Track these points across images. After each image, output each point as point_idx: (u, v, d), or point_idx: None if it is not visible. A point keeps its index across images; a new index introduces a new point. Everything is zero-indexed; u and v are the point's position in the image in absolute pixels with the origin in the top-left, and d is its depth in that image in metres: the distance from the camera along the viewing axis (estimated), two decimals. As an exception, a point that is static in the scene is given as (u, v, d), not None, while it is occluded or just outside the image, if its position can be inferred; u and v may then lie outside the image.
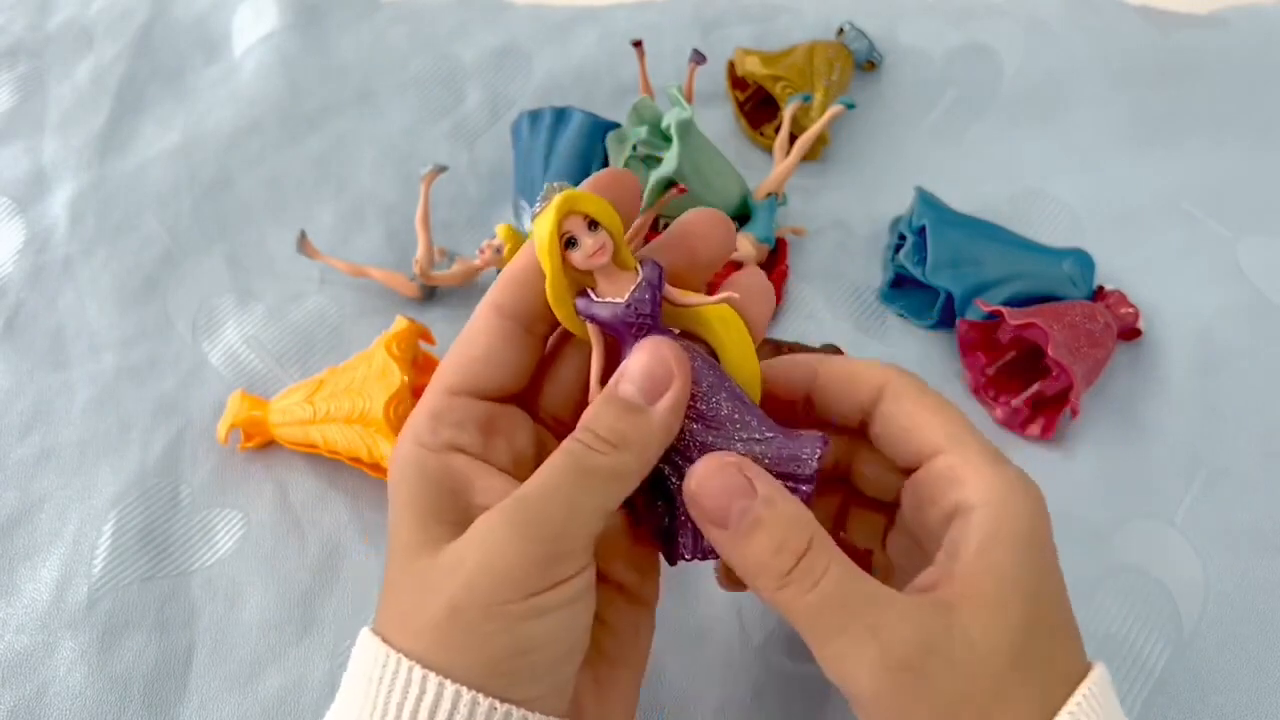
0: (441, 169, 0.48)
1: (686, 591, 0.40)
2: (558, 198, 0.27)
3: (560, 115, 0.51)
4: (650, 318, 0.28)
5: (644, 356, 0.27)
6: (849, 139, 0.55)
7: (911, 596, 0.26)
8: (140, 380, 0.46)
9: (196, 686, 0.38)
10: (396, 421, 0.40)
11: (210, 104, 0.57)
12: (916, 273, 0.48)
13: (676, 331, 0.29)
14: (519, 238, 0.46)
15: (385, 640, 0.26)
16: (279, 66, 0.58)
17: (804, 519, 0.26)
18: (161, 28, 0.61)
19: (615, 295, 0.28)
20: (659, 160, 0.46)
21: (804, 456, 0.29)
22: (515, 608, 0.25)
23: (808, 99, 0.53)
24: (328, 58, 0.59)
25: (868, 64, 0.58)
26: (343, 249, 0.50)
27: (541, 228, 0.27)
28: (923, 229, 0.48)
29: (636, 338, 0.28)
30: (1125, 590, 0.41)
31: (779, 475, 0.28)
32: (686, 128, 0.45)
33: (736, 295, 0.28)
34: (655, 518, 0.30)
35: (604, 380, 0.29)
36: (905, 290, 0.50)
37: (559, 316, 0.28)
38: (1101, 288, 0.48)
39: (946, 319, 0.48)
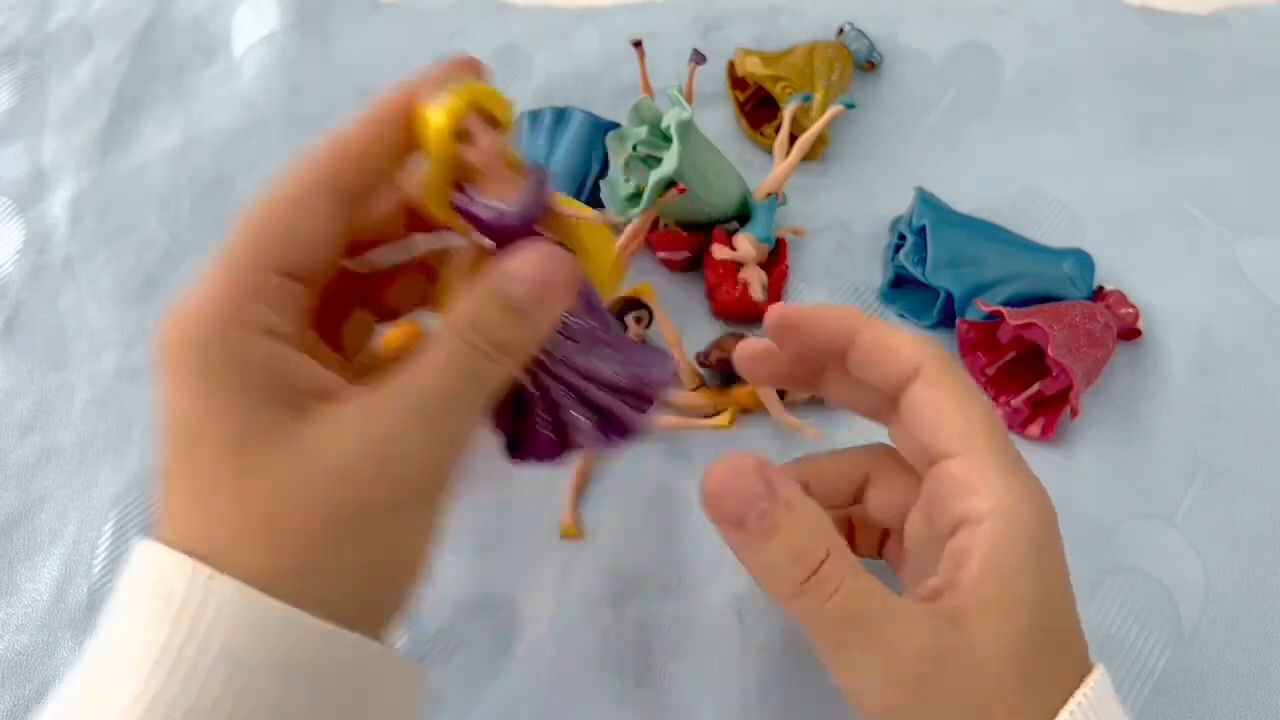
0: None
1: (688, 594, 0.40)
2: (462, 87, 0.27)
3: (560, 115, 0.51)
4: (534, 223, 0.28)
5: (537, 259, 0.26)
6: (849, 139, 0.55)
7: (920, 607, 0.26)
8: (141, 380, 0.46)
9: (196, 686, 0.38)
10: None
11: (210, 104, 0.57)
12: (916, 273, 0.48)
13: (552, 239, 0.29)
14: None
15: (196, 554, 0.23)
16: (279, 67, 0.58)
17: (823, 526, 0.26)
18: (162, 28, 0.61)
19: (500, 197, 0.28)
20: (659, 160, 0.46)
21: (656, 374, 0.31)
22: (414, 515, 0.24)
23: (808, 99, 0.53)
24: (328, 58, 0.59)
25: (868, 64, 0.58)
26: (343, 249, 0.50)
27: (439, 117, 0.27)
28: (923, 229, 0.48)
29: (513, 241, 0.28)
30: (1125, 590, 0.41)
31: (633, 392, 0.31)
32: (686, 128, 0.45)
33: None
34: (504, 419, 0.30)
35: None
36: (905, 290, 0.50)
37: (430, 206, 0.28)
38: (1101, 288, 0.48)
39: (946, 319, 0.48)
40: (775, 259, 0.49)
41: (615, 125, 0.51)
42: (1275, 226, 0.52)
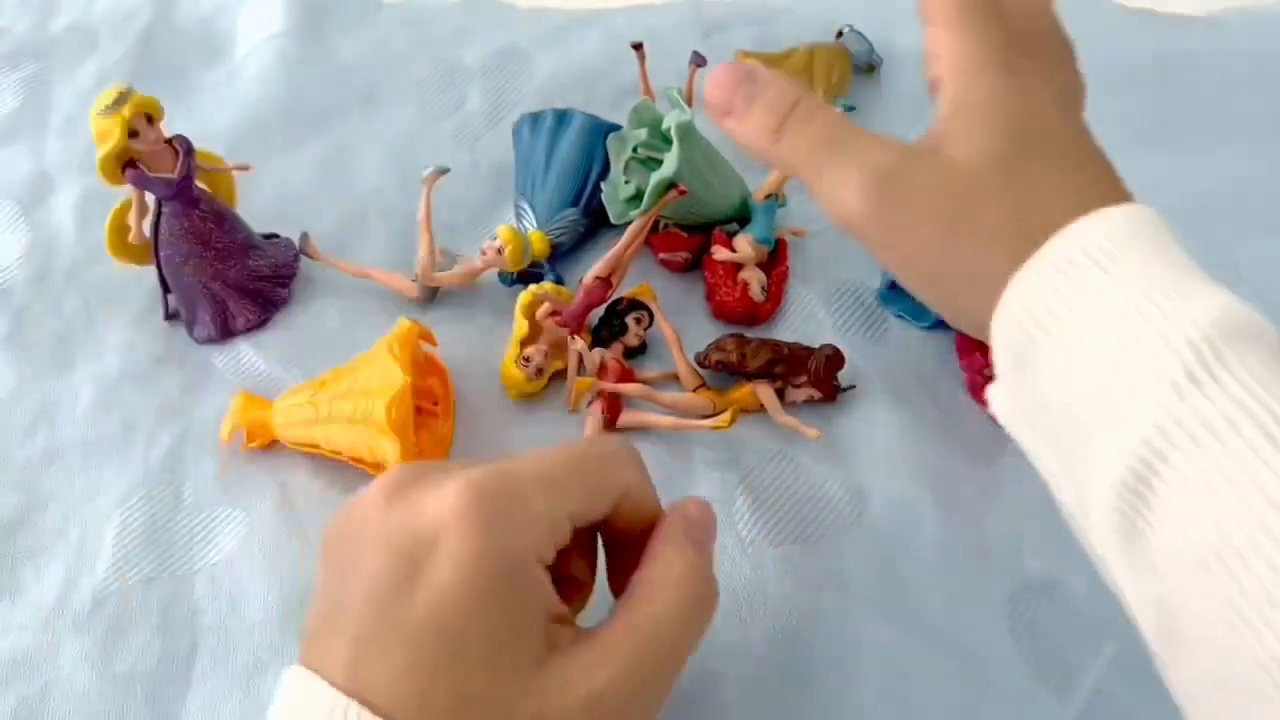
0: (443, 170, 0.48)
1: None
2: (132, 98, 0.42)
3: (561, 117, 0.51)
4: (190, 181, 0.45)
5: (701, 505, 0.32)
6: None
7: (895, 139, 0.31)
8: (144, 382, 0.47)
9: (199, 685, 0.38)
10: (398, 422, 0.40)
11: (213, 106, 0.58)
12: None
13: (207, 189, 0.46)
14: (520, 239, 0.46)
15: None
16: (282, 68, 0.58)
17: (792, 88, 0.32)
18: (165, 30, 0.61)
19: (165, 171, 0.44)
20: (659, 162, 0.46)
21: (291, 258, 0.49)
22: None
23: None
24: (330, 60, 0.59)
25: (868, 67, 0.58)
26: (345, 250, 0.50)
27: (112, 123, 0.42)
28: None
29: (180, 192, 0.44)
30: (1123, 590, 0.41)
31: (275, 277, 0.49)
32: (686, 130, 0.45)
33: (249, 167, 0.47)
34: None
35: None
36: (904, 291, 0.50)
37: (104, 176, 0.43)
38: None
39: (944, 320, 0.48)
40: (775, 260, 0.49)
41: (616, 127, 0.51)
42: (1274, 227, 0.52)
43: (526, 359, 0.44)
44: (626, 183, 0.47)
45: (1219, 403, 0.24)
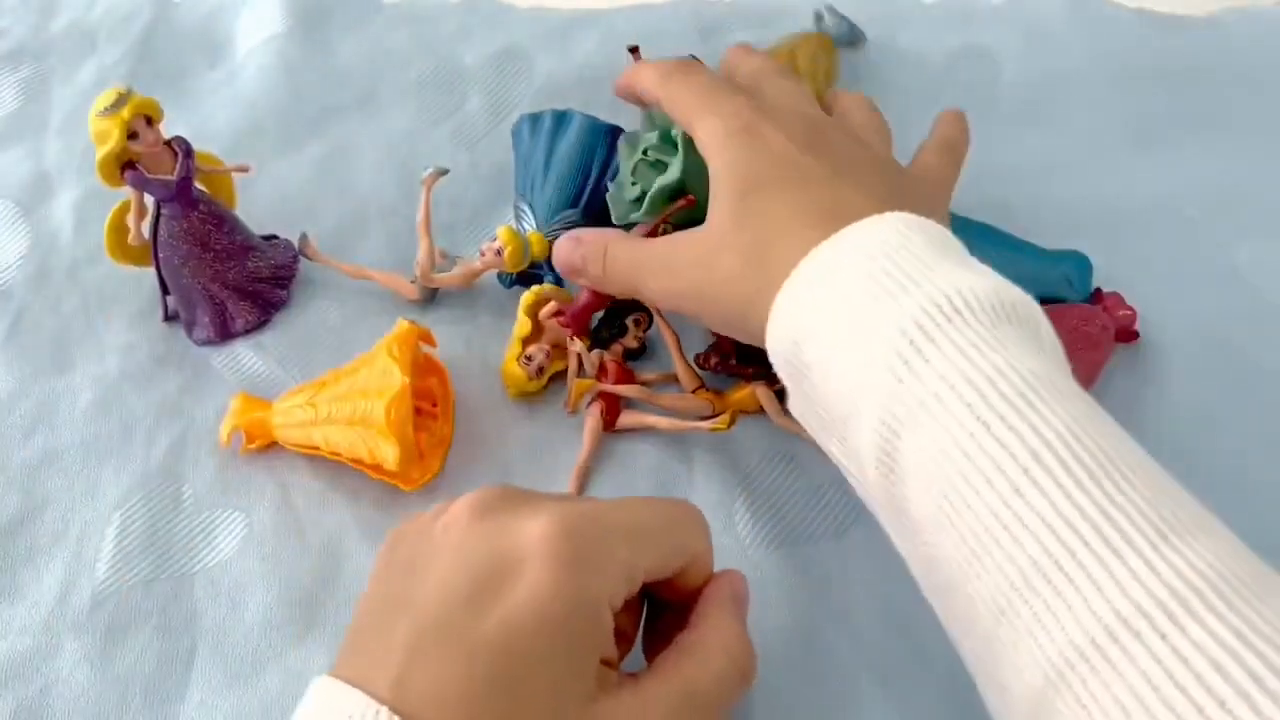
0: (443, 171, 0.48)
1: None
2: (131, 100, 0.42)
3: (560, 118, 0.51)
4: (189, 182, 0.45)
5: (743, 580, 0.34)
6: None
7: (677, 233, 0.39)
8: (143, 383, 0.47)
9: (198, 687, 0.38)
10: (398, 423, 0.40)
11: (213, 107, 0.58)
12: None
13: (206, 190, 0.47)
14: (519, 240, 0.46)
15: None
16: (281, 69, 0.58)
17: (600, 238, 0.41)
18: (164, 30, 0.61)
19: (164, 173, 0.44)
20: (666, 165, 0.46)
21: (290, 259, 0.50)
22: None
23: None
24: (329, 61, 0.59)
25: (850, 43, 0.57)
26: (344, 251, 0.50)
27: (111, 125, 0.42)
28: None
29: (179, 193, 0.45)
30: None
31: (274, 278, 0.49)
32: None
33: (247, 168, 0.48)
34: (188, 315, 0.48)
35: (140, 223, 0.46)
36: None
37: (103, 177, 0.43)
38: (1099, 290, 0.48)
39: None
40: None
41: (616, 128, 0.51)
42: (1274, 228, 0.52)
43: (528, 358, 0.44)
44: (633, 184, 0.47)
45: (927, 381, 0.28)
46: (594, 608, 0.28)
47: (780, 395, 0.44)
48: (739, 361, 0.44)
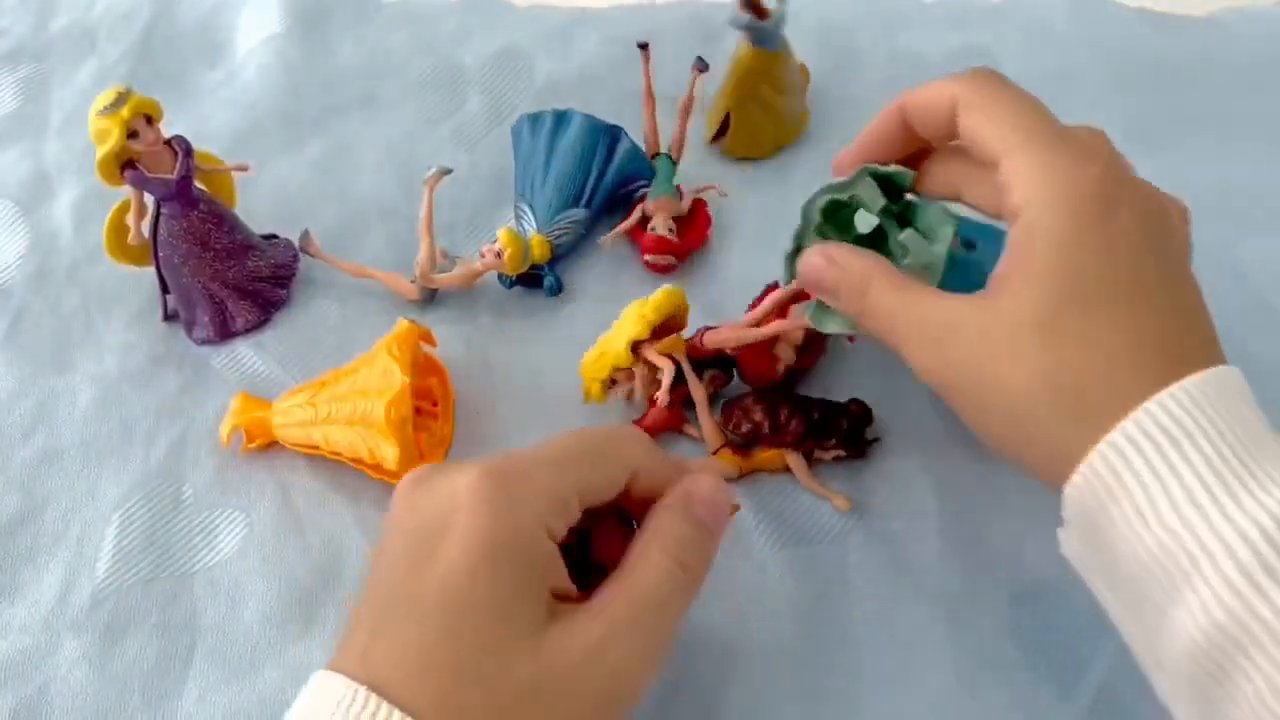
0: (446, 171, 0.48)
1: (709, 609, 0.39)
2: (131, 99, 0.42)
3: (560, 118, 0.51)
4: (189, 182, 0.45)
5: (710, 483, 0.32)
6: (846, 141, 0.55)
7: (958, 296, 0.31)
8: (143, 382, 0.47)
9: (197, 685, 0.38)
10: (398, 423, 0.40)
11: (212, 107, 0.58)
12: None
13: (206, 189, 0.46)
14: (520, 242, 0.46)
15: (407, 707, 0.26)
16: (281, 69, 0.58)
17: (863, 269, 0.34)
18: (164, 30, 0.61)
19: (164, 172, 0.44)
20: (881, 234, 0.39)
21: (290, 259, 0.50)
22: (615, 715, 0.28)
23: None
24: (329, 61, 0.59)
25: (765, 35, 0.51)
26: (343, 251, 0.50)
27: (111, 124, 0.42)
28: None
29: (179, 192, 0.44)
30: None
31: (274, 277, 0.49)
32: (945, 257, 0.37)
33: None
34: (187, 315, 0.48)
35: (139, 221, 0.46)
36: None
37: (103, 176, 0.43)
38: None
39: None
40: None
41: (616, 128, 0.51)
42: (1275, 227, 0.52)
43: (614, 382, 0.43)
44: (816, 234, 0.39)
45: None
46: (528, 538, 0.28)
47: (808, 457, 0.43)
48: (770, 433, 0.42)
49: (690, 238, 0.50)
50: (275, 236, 0.50)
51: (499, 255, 0.46)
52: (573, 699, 0.27)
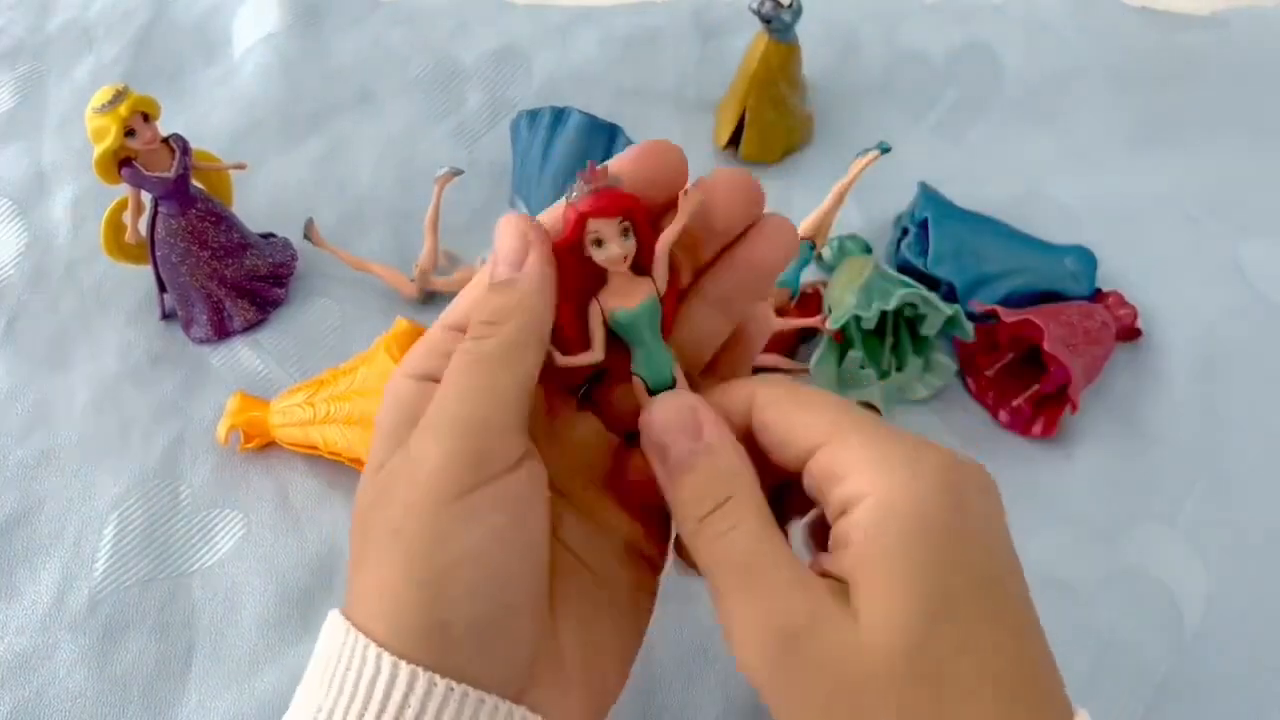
0: (457, 172, 0.47)
1: (688, 597, 0.39)
2: (129, 97, 0.42)
3: (559, 115, 0.51)
4: (186, 180, 0.45)
5: (501, 237, 0.27)
6: (851, 139, 0.55)
7: (814, 575, 0.24)
8: (140, 381, 0.46)
9: (196, 686, 0.38)
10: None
11: (210, 105, 0.57)
12: (918, 264, 0.48)
13: (203, 188, 0.46)
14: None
15: (350, 614, 0.25)
16: (279, 67, 0.58)
17: (732, 474, 0.26)
18: (162, 29, 0.61)
19: (162, 170, 0.44)
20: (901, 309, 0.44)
21: (288, 258, 0.49)
22: (449, 511, 0.24)
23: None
24: (327, 58, 0.59)
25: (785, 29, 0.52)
26: (341, 248, 0.50)
27: (108, 122, 0.42)
28: (924, 222, 0.48)
29: (176, 190, 0.44)
30: (1127, 593, 0.40)
31: (272, 276, 0.48)
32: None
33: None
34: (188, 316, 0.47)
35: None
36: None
37: (100, 174, 0.43)
38: (1100, 290, 0.48)
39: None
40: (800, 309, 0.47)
41: (614, 126, 0.51)
42: (1277, 228, 0.52)
43: None
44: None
45: None
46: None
47: None
48: None
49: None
50: (273, 235, 0.50)
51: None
52: (390, 503, 0.25)
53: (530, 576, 0.25)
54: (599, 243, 0.26)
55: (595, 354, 0.27)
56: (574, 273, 0.27)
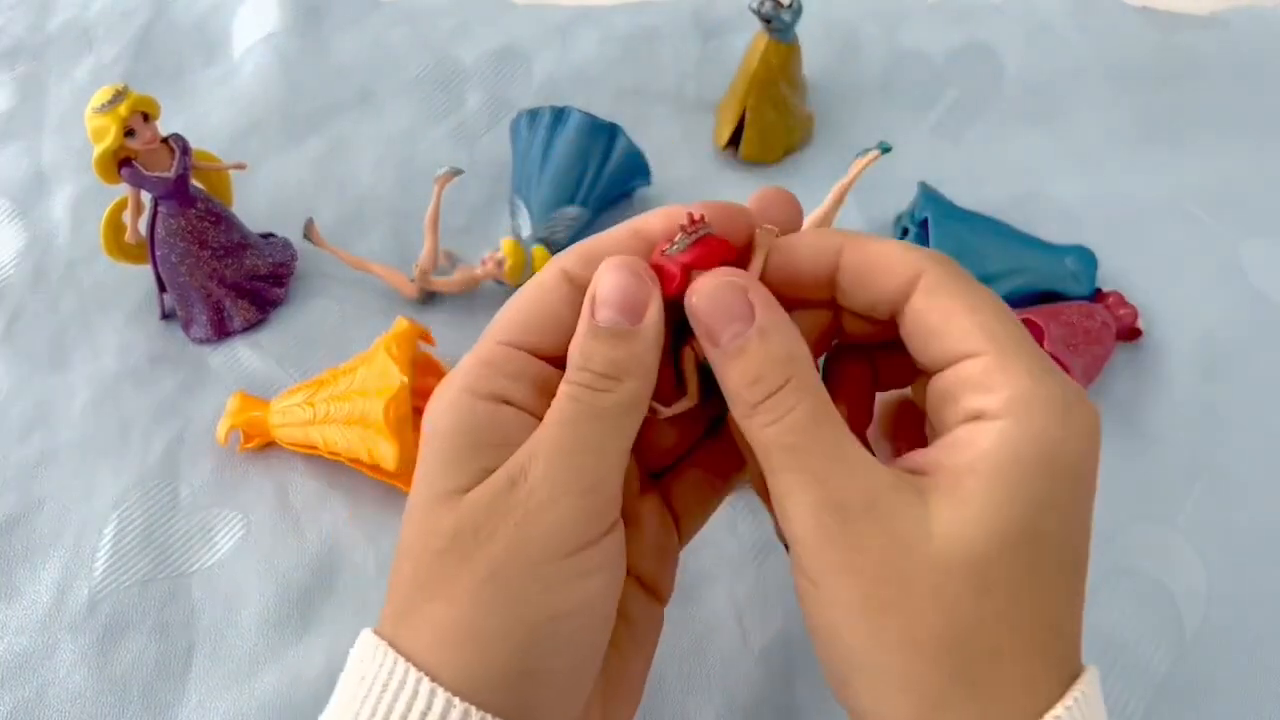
0: (457, 171, 0.47)
1: (687, 598, 0.40)
2: (129, 96, 0.42)
3: (559, 115, 0.51)
4: (186, 180, 0.44)
5: (615, 276, 0.25)
6: (851, 138, 0.55)
7: (881, 465, 0.24)
8: (140, 381, 0.46)
9: (196, 687, 0.38)
10: (396, 422, 0.40)
11: (210, 105, 0.57)
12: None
13: (203, 187, 0.46)
14: (522, 253, 0.46)
15: (391, 635, 0.25)
16: (279, 67, 0.58)
17: (788, 356, 0.25)
18: (161, 28, 0.61)
19: (162, 170, 0.44)
20: None
21: (288, 258, 0.49)
22: (559, 567, 0.24)
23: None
24: (327, 58, 0.59)
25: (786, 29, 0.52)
26: (342, 248, 0.50)
27: (108, 121, 0.41)
28: (924, 221, 0.48)
29: (176, 190, 0.44)
30: (1127, 593, 0.40)
31: (272, 276, 0.48)
32: None
33: None
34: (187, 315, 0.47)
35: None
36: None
37: (100, 174, 0.43)
38: (1100, 290, 0.48)
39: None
40: None
41: (614, 127, 0.51)
42: (1275, 228, 0.52)
43: None
44: None
45: None
46: (456, 414, 0.26)
47: None
48: None
49: None
50: (273, 235, 0.50)
51: (500, 264, 0.46)
52: (463, 557, 0.24)
53: (610, 628, 0.26)
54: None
55: (690, 399, 0.27)
56: (668, 320, 0.26)
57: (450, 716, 0.23)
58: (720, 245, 0.26)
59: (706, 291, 0.25)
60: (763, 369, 0.24)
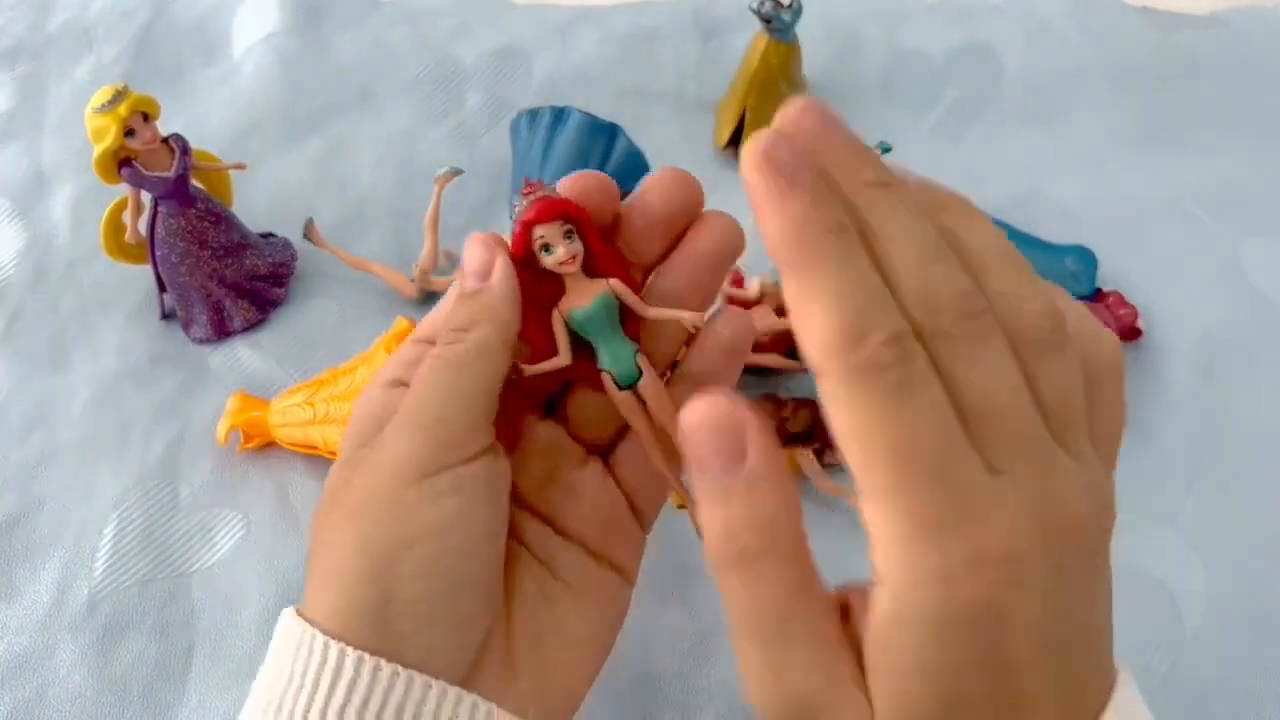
0: (457, 171, 0.47)
1: (687, 598, 0.40)
2: (129, 96, 0.42)
3: (559, 114, 0.51)
4: (186, 180, 0.45)
5: (468, 249, 0.29)
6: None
7: (830, 646, 0.22)
8: (140, 381, 0.46)
9: (196, 687, 0.38)
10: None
11: (210, 105, 0.57)
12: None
13: (203, 187, 0.47)
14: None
15: (301, 606, 0.26)
16: (279, 67, 0.58)
17: (772, 522, 0.22)
18: (161, 28, 0.61)
19: (161, 170, 0.44)
20: None
21: (288, 258, 0.49)
22: (404, 494, 0.25)
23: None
24: (327, 58, 0.59)
25: (786, 29, 0.52)
26: (342, 248, 0.50)
27: (108, 121, 0.42)
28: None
29: (176, 190, 0.44)
30: (1127, 593, 0.40)
31: (272, 276, 0.48)
32: None
33: None
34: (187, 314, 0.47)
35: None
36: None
37: (100, 174, 0.43)
38: (1100, 290, 0.48)
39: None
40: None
41: (614, 127, 0.51)
42: (1277, 227, 0.52)
43: None
44: None
45: None
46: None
47: (819, 454, 0.42)
48: (785, 442, 0.40)
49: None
50: (273, 235, 0.50)
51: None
52: (349, 487, 0.26)
53: (481, 562, 0.26)
54: (547, 248, 0.28)
55: (561, 359, 0.28)
56: (541, 290, 0.28)
57: (328, 655, 0.24)
58: (558, 201, 0.28)
59: (699, 414, 0.22)
60: (741, 529, 0.22)
